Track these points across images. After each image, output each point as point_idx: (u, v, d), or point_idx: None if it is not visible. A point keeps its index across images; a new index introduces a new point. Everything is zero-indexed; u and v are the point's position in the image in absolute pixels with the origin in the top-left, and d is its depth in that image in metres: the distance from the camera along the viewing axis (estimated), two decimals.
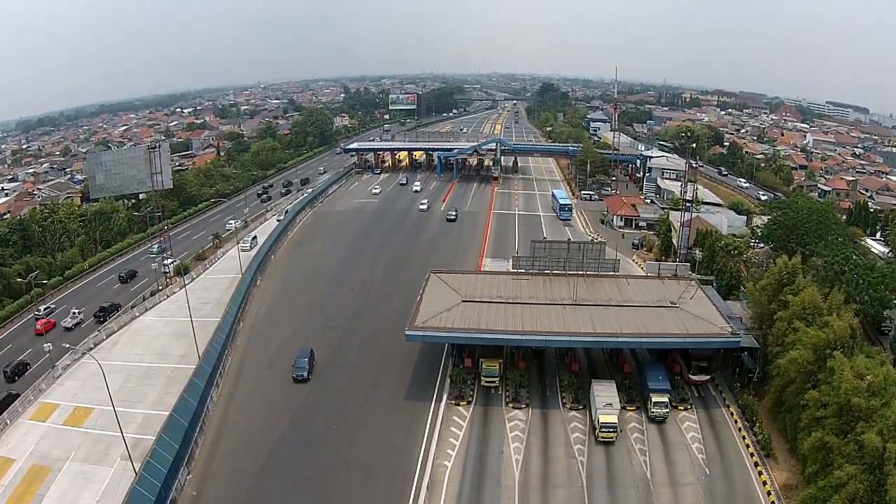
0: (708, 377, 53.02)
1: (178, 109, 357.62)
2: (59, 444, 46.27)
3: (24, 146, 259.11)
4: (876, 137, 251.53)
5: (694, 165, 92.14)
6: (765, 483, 41.99)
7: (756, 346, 51.30)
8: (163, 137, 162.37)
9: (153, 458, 39.92)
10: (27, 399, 51.93)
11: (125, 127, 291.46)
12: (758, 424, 47.10)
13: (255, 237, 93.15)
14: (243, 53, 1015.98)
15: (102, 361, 56.02)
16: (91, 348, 60.96)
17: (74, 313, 71.04)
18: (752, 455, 44.82)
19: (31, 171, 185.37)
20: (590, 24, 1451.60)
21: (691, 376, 52.68)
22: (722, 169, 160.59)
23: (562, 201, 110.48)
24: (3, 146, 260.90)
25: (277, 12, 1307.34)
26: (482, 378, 52.02)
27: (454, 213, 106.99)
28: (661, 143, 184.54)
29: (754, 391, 50.99)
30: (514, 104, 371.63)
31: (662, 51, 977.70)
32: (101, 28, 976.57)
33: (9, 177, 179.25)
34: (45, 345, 60.05)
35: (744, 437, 46.75)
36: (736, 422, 48.62)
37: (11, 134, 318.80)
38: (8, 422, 48.94)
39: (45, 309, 73.63)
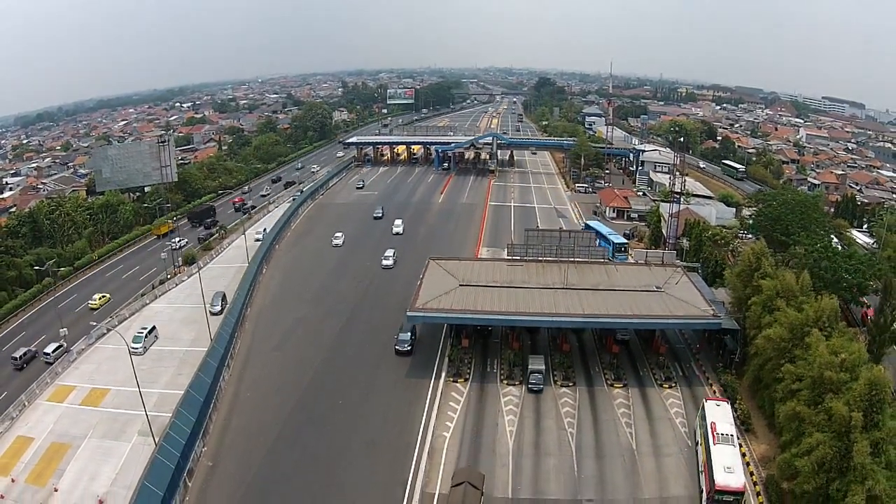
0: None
1: (178, 104, 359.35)
2: (77, 423, 48.81)
3: (25, 141, 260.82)
4: (870, 133, 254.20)
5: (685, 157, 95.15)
6: (744, 455, 44.64)
7: (736, 327, 54.28)
8: (164, 132, 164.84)
9: (172, 431, 42.65)
10: (44, 381, 54.33)
11: (125, 122, 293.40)
12: (738, 401, 49.96)
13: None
14: (240, 48, 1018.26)
15: (118, 346, 59.51)
16: (104, 333, 63.78)
17: (266, 188, 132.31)
18: None
19: (34, 165, 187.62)
20: (588, 19, 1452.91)
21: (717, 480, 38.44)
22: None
23: (614, 239, 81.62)
24: (2, 142, 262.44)
25: (274, 7, 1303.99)
26: None
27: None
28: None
29: (735, 371, 53.87)
30: (514, 102, 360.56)
31: (660, 46, 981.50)
32: (97, 23, 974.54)
33: (11, 171, 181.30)
34: (62, 329, 63.08)
35: None
36: None
37: (11, 129, 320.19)
38: (26, 403, 51.41)
39: (247, 188, 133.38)
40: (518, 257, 65.95)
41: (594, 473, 42.63)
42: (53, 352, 60.77)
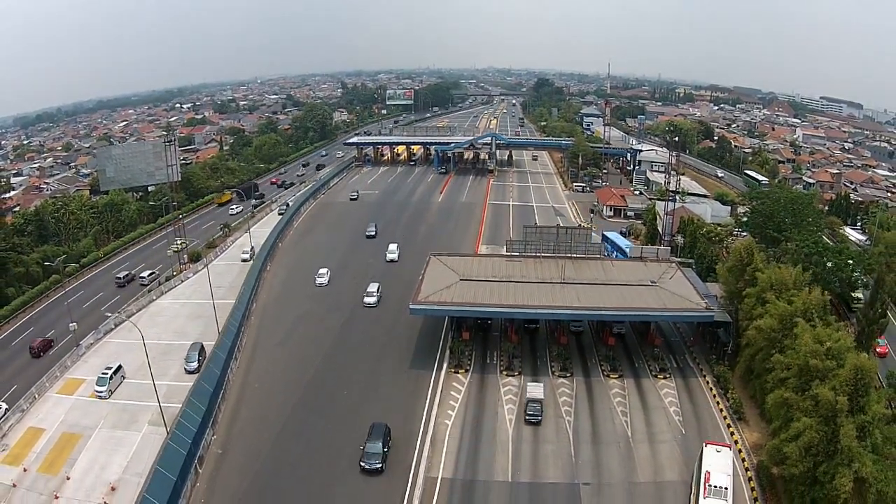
0: None
1: (178, 105, 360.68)
2: (87, 414, 50.09)
3: (25, 142, 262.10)
4: (867, 132, 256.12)
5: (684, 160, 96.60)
6: (736, 442, 46.31)
7: (729, 320, 55.91)
8: (168, 133, 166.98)
9: (183, 419, 44.07)
10: (53, 375, 55.56)
11: (125, 122, 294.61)
12: (730, 391, 51.51)
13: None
14: (238, 49, 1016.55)
15: (125, 340, 61.18)
16: (112, 329, 65.20)
17: (301, 169, 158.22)
18: (725, 418, 49.22)
19: (36, 165, 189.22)
20: (588, 20, 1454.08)
21: None
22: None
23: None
24: (2, 142, 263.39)
25: (272, 8, 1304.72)
26: None
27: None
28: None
29: (728, 362, 55.42)
30: (514, 104, 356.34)
31: (659, 46, 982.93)
32: (95, 24, 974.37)
33: (13, 171, 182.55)
34: (71, 325, 64.39)
35: (718, 403, 51.22)
36: (711, 389, 53.06)
37: (10, 130, 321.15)
38: (36, 395, 52.54)
39: (282, 170, 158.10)
40: (517, 253, 67.56)
41: (591, 459, 44.17)
42: (149, 275, 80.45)
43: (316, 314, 68.11)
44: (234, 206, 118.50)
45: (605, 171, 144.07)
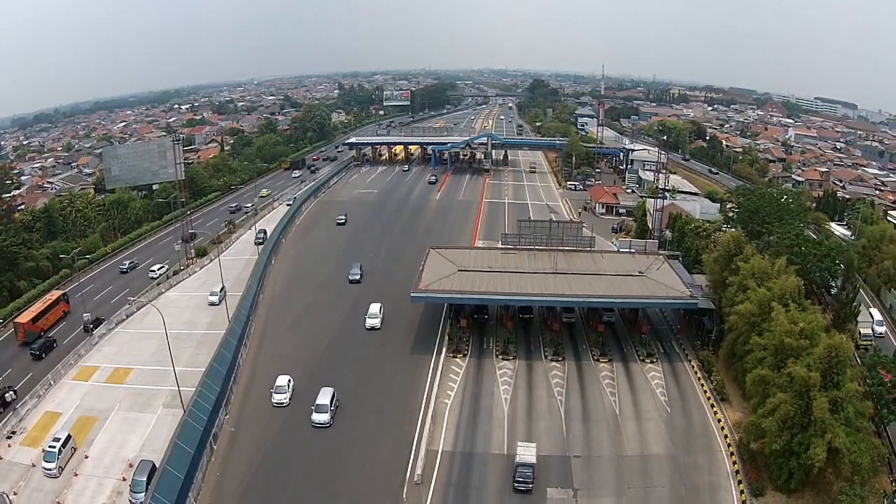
0: None
1: (176, 106, 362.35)
2: (103, 399, 52.65)
3: (25, 142, 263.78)
4: (861, 132, 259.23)
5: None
6: (719, 420, 49.30)
7: (713, 307, 58.95)
8: (174, 133, 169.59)
9: (199, 398, 46.79)
10: (68, 363, 57.99)
11: (124, 123, 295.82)
12: (714, 374, 54.45)
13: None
14: (234, 50, 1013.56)
15: (137, 330, 63.92)
16: (123, 320, 67.92)
17: (340, 147, 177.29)
18: (708, 399, 52.25)
19: (38, 165, 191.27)
20: (583, 21, 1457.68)
21: None
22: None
23: None
24: (2, 143, 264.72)
25: (266, 9, 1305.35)
26: None
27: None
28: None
29: (713, 348, 58.42)
30: (510, 107, 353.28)
31: (655, 47, 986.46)
32: (91, 26, 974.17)
33: (15, 171, 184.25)
34: (85, 315, 67.10)
35: (702, 385, 54.25)
36: (696, 372, 56.12)
37: (9, 131, 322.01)
38: (52, 382, 55.05)
39: (320, 150, 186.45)
40: (511, 246, 70.64)
41: (581, 434, 47.16)
42: (250, 206, 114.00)
43: (322, 302, 69.94)
44: (296, 172, 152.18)
45: (598, 170, 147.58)
